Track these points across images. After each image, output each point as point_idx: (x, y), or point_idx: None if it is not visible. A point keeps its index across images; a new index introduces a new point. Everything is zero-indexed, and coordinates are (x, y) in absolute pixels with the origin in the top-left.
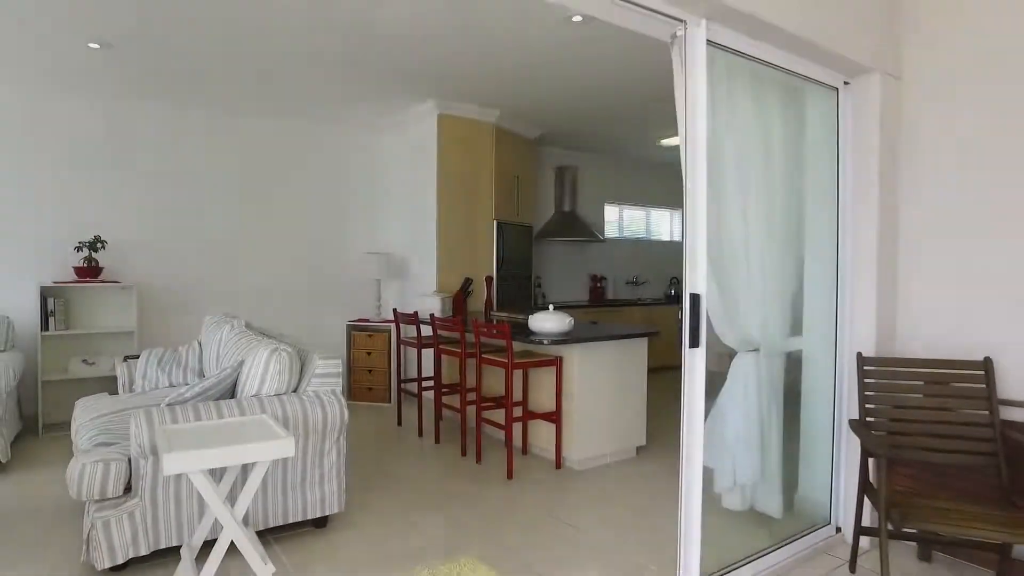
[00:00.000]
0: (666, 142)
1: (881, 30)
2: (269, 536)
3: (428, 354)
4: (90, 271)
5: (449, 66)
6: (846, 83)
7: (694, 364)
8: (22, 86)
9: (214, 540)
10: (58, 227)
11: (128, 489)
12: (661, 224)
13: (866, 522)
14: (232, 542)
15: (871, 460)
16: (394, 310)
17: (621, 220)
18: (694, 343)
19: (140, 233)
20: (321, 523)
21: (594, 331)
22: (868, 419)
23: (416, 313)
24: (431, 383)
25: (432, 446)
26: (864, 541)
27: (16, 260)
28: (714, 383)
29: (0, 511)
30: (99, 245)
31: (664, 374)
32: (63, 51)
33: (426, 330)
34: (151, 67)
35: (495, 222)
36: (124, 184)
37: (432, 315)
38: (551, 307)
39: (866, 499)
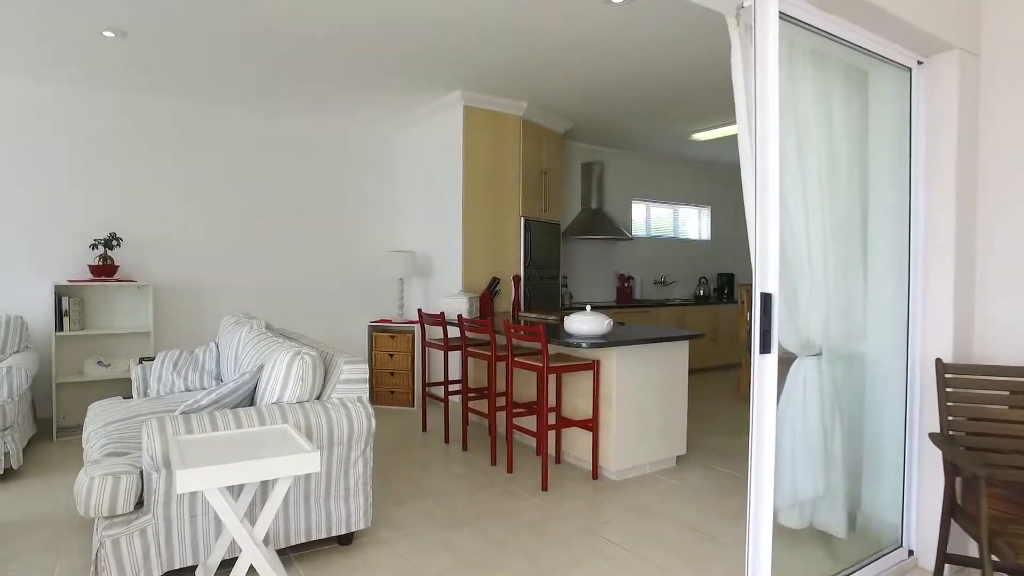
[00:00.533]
0: (699, 136)
1: (960, 2)
2: (291, 554)
3: (454, 356)
4: (105, 269)
5: (476, 54)
6: (919, 62)
7: (764, 371)
8: (35, 79)
9: (232, 559)
10: (73, 224)
11: (140, 504)
12: (688, 222)
13: (951, 548)
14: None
15: (958, 479)
16: (419, 311)
17: (648, 218)
18: (765, 348)
19: (156, 230)
20: (346, 540)
21: (634, 333)
22: (950, 432)
23: (443, 314)
24: (458, 387)
25: (460, 454)
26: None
27: (30, 258)
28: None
29: (6, 522)
30: (114, 243)
31: (700, 376)
32: (76, 39)
33: (451, 331)
34: (166, 57)
35: (522, 219)
36: (140, 180)
37: (460, 316)
38: (588, 308)
39: (952, 523)
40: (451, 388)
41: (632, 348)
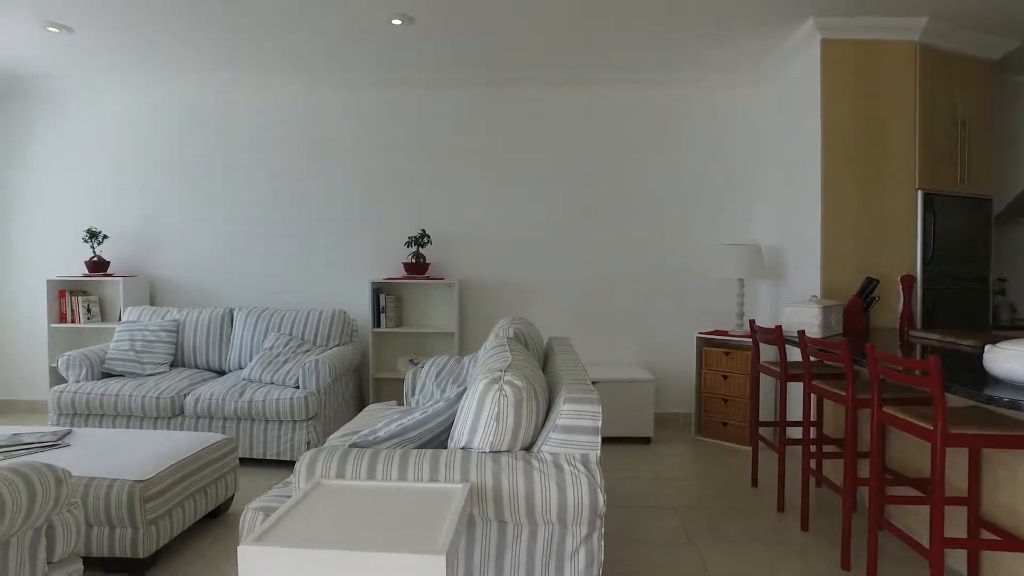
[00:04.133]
0: None
1: None
2: None
3: (796, 388)
4: (417, 267)
5: None
6: None
7: None
8: (341, 87)
9: None
10: (390, 222)
11: None
12: None
13: None
14: None
15: None
16: (751, 323)
17: None
18: None
19: (463, 227)
20: None
21: None
22: None
23: (779, 328)
24: (799, 432)
25: (796, 535)
26: None
27: (355, 256)
28: None
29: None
30: (425, 240)
31: None
32: (366, 32)
33: (795, 352)
34: (457, 39)
35: (920, 193)
36: (446, 175)
37: (801, 332)
38: None
39: None
40: (790, 433)
41: None
